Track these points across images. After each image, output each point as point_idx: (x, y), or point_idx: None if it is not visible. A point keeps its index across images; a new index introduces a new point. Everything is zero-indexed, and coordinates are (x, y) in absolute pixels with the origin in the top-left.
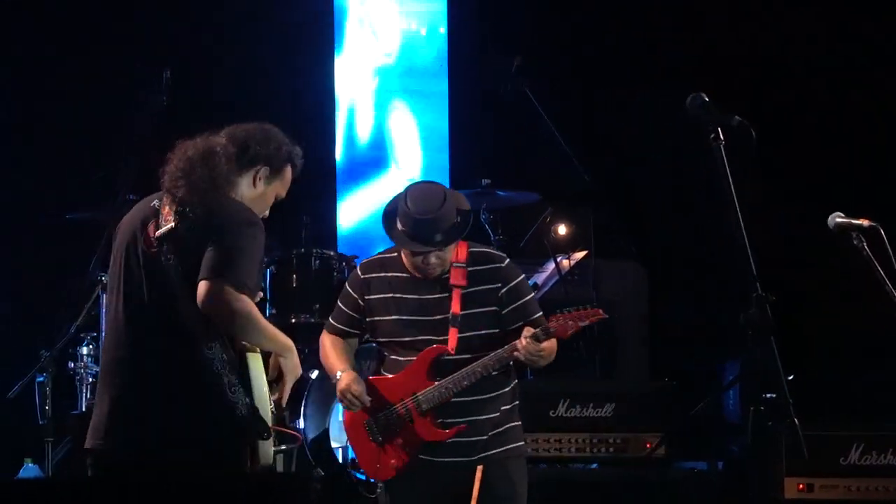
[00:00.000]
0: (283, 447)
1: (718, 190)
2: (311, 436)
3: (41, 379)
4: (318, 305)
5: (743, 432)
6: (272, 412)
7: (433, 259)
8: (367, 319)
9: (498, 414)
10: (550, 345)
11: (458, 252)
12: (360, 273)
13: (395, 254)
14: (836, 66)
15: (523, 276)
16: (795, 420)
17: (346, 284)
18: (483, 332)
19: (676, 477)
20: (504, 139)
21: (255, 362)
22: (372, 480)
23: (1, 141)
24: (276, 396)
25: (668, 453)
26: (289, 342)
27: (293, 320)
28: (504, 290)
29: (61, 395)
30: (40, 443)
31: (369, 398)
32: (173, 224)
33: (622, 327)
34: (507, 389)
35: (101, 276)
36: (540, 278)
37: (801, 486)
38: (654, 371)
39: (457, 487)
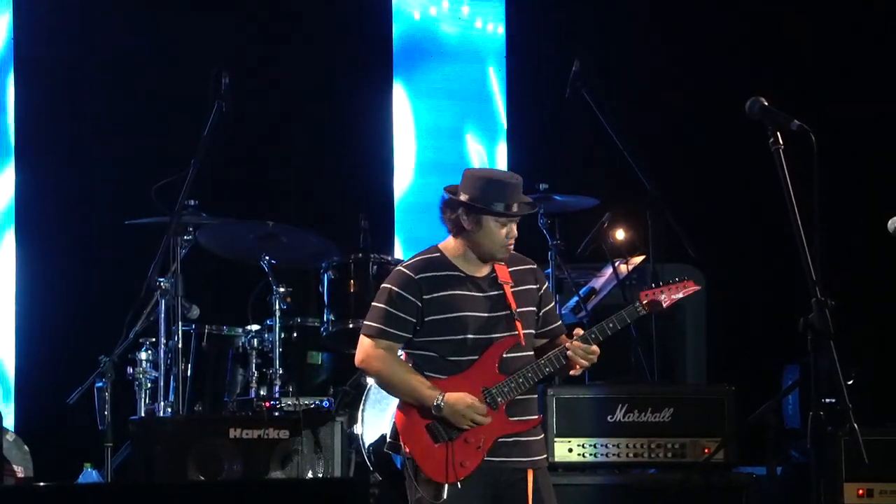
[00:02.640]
0: None
1: (777, 194)
2: (368, 441)
3: (101, 384)
4: None
5: (802, 437)
6: None
7: (515, 231)
8: (426, 320)
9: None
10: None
11: None
12: (411, 274)
13: (438, 253)
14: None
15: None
16: (855, 425)
17: (395, 288)
18: (532, 330)
19: (735, 482)
20: (562, 143)
21: None
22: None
23: (62, 146)
24: None
25: (727, 458)
26: None
27: (351, 325)
28: (542, 290)
29: (121, 401)
30: (100, 448)
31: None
32: None
33: (680, 332)
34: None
35: (160, 282)
36: (598, 283)
37: (860, 491)
38: (712, 375)
39: (509, 491)
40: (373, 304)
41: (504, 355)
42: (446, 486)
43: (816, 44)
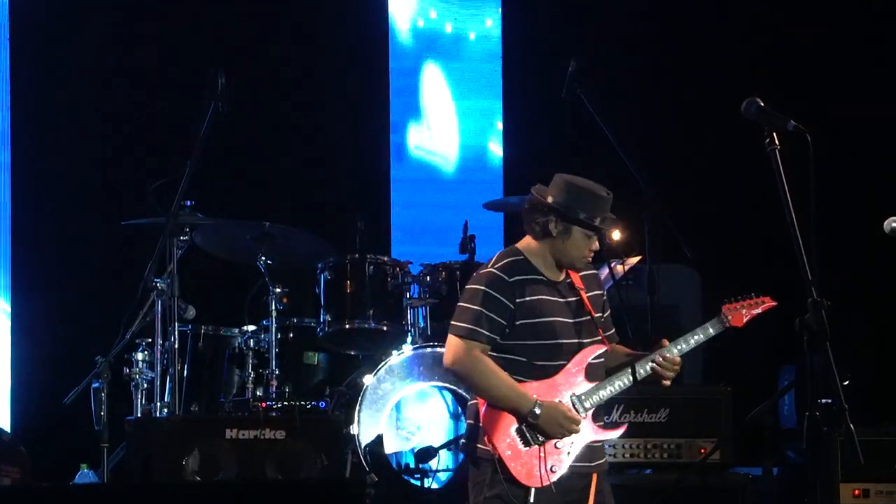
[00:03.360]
0: None
1: (774, 195)
2: (364, 442)
3: (97, 385)
4: (372, 311)
5: (798, 438)
6: None
7: (597, 244)
8: (516, 323)
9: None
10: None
11: None
12: (505, 277)
13: (521, 256)
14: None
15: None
16: (851, 426)
17: (489, 289)
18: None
19: (731, 483)
20: (558, 143)
21: None
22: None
23: (58, 147)
24: None
25: (724, 459)
26: None
27: (347, 326)
28: (605, 296)
29: (117, 401)
30: (96, 448)
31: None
32: None
33: (676, 333)
34: None
35: (157, 282)
36: None
37: (856, 491)
38: (708, 376)
39: (576, 495)
40: (462, 304)
41: (591, 361)
42: (533, 490)
43: (813, 44)
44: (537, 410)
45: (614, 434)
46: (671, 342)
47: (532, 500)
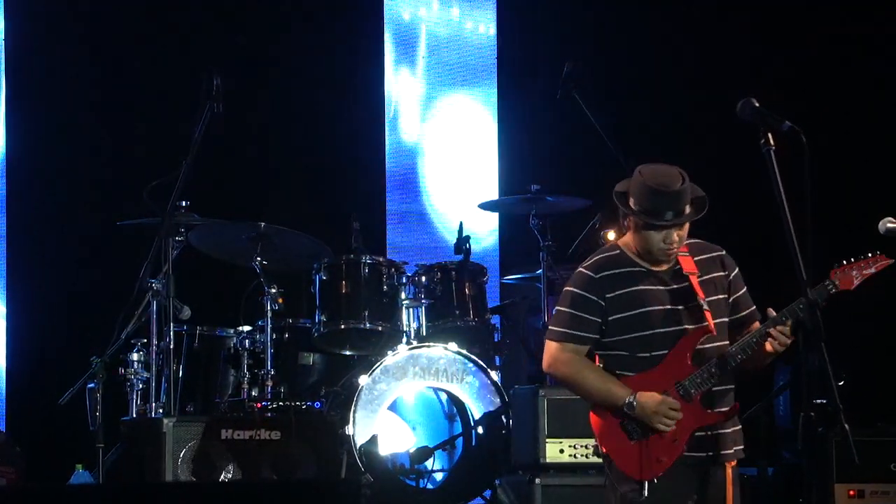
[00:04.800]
0: None
1: (770, 195)
2: (359, 442)
3: (92, 385)
4: (367, 312)
5: (794, 438)
6: None
7: (675, 237)
8: (610, 319)
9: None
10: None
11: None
12: (591, 274)
13: (618, 251)
14: (888, 71)
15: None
16: (846, 426)
17: (577, 290)
18: (724, 319)
19: None
20: (554, 144)
21: None
22: (643, 482)
23: (53, 147)
24: None
25: None
26: None
27: (342, 326)
28: (731, 276)
29: (112, 402)
30: (91, 449)
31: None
32: None
33: None
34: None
35: (152, 283)
36: None
37: (851, 492)
38: None
39: (709, 486)
40: (557, 307)
41: (697, 347)
42: (646, 483)
43: (811, 44)
44: (633, 402)
45: (722, 417)
46: (778, 313)
47: (647, 494)
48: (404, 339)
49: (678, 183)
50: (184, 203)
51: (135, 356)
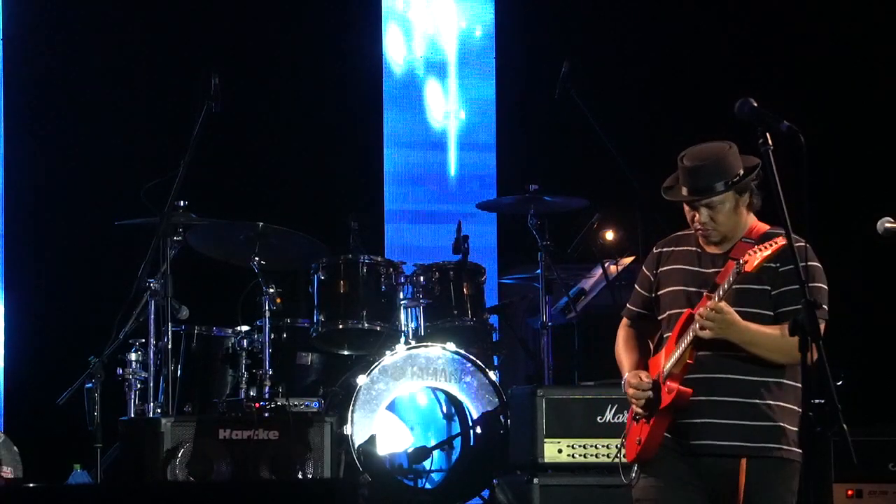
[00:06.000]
0: None
1: (768, 194)
2: (358, 442)
3: (90, 385)
4: (365, 311)
5: None
6: None
7: (704, 216)
8: (655, 295)
9: (766, 403)
10: (741, 322)
11: (753, 229)
12: (654, 249)
13: (692, 231)
14: (886, 71)
15: (814, 264)
16: (844, 426)
17: (643, 265)
18: (754, 310)
19: None
20: (552, 144)
21: None
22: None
23: (51, 147)
24: None
25: None
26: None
27: (340, 326)
28: (781, 269)
29: (110, 402)
30: (89, 449)
31: (649, 390)
32: None
33: None
34: (785, 382)
35: (150, 283)
36: (587, 284)
37: (850, 492)
38: None
39: (720, 480)
40: None
41: (682, 328)
42: (634, 466)
43: (809, 45)
44: (623, 380)
45: (667, 399)
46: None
47: (633, 476)
48: (402, 339)
49: (708, 158)
50: (182, 203)
51: (133, 356)
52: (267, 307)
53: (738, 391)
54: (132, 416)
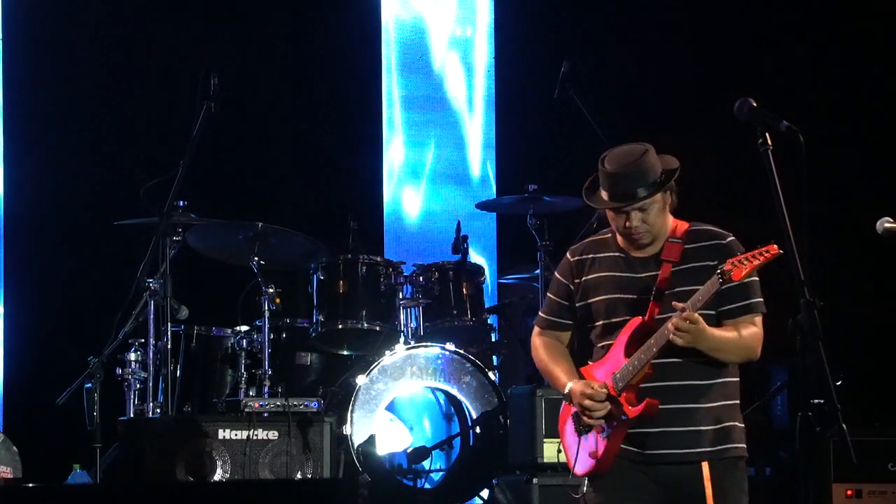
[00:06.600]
0: None
1: (767, 194)
2: (357, 442)
3: (89, 385)
4: (364, 311)
5: (791, 438)
6: None
7: (636, 220)
8: (578, 305)
9: (719, 405)
10: (709, 330)
11: (676, 227)
12: (569, 257)
13: (609, 234)
14: (886, 72)
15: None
16: (844, 426)
17: (556, 273)
18: (703, 311)
19: None
20: (551, 144)
21: None
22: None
23: (50, 147)
24: None
25: None
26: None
27: (339, 326)
28: (719, 266)
29: (110, 402)
30: (89, 449)
31: (606, 401)
32: None
33: None
34: (730, 380)
35: (149, 283)
36: None
37: (849, 492)
38: None
39: (681, 487)
40: None
41: (631, 337)
42: (585, 480)
43: (808, 45)
44: (567, 392)
45: (635, 412)
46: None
47: (585, 491)
48: (402, 339)
49: (633, 162)
50: (181, 203)
51: (132, 356)
52: (266, 307)
53: (690, 397)
54: (131, 416)
